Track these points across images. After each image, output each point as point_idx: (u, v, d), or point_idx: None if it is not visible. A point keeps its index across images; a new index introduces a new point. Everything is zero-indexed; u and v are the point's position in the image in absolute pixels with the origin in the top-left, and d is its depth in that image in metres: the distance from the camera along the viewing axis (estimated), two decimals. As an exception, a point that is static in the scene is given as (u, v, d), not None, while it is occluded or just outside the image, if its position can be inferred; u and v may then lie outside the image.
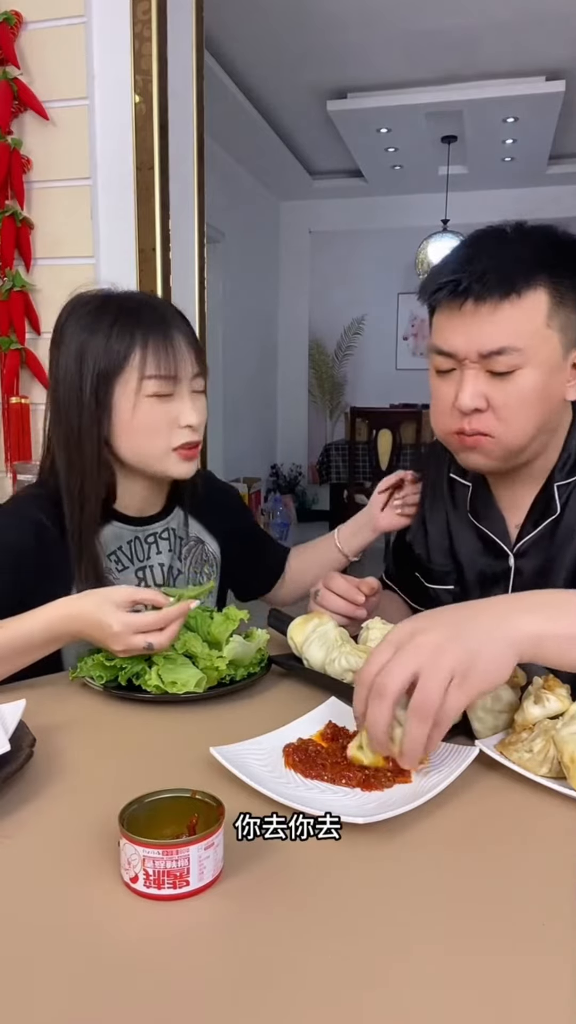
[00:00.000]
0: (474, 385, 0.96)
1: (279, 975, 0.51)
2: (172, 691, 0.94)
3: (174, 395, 1.09)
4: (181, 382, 1.09)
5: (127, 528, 1.17)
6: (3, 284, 1.86)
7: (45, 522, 1.09)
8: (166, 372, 1.07)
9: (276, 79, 4.58)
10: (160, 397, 1.08)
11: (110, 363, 1.06)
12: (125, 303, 1.10)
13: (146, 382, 1.06)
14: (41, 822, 0.69)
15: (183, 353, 1.09)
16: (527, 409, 0.96)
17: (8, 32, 1.77)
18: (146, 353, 1.06)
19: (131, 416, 1.08)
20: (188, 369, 1.10)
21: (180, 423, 1.09)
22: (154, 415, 1.08)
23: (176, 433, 1.10)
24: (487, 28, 3.93)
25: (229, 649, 0.98)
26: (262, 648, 1.04)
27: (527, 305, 0.93)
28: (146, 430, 1.09)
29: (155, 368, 1.06)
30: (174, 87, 1.82)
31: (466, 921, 0.56)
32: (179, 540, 1.24)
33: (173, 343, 1.07)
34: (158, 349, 1.06)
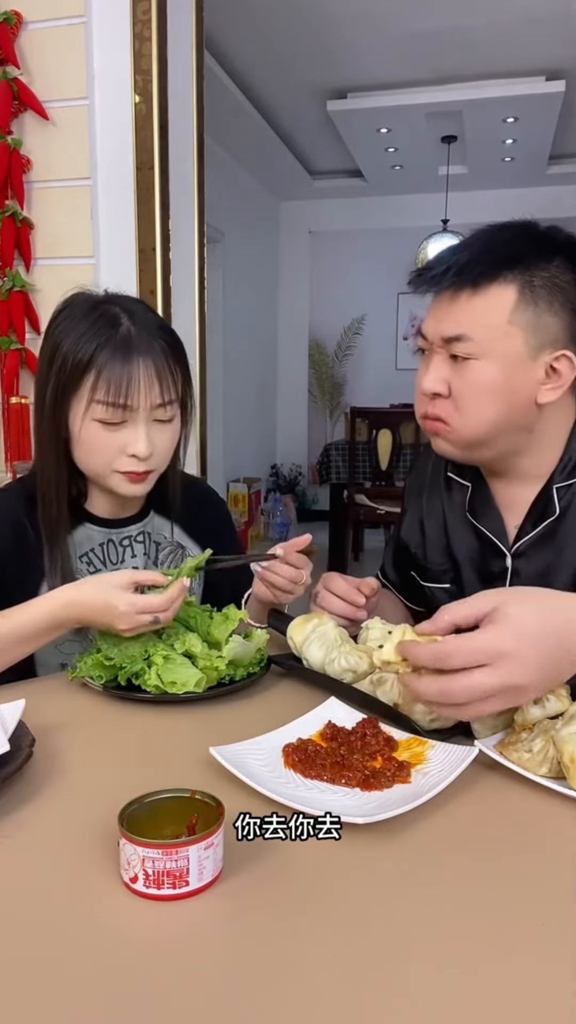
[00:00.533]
0: (437, 370, 1.00)
1: (279, 975, 0.51)
2: (172, 691, 0.94)
3: (126, 422, 1.05)
4: (135, 411, 1.04)
5: (99, 530, 1.17)
6: (3, 284, 1.86)
7: (22, 519, 1.10)
8: (114, 400, 1.02)
9: (276, 79, 4.58)
10: (106, 424, 1.04)
11: (67, 376, 1.03)
12: (104, 315, 1.05)
13: (94, 406, 1.03)
14: (41, 822, 0.69)
15: (144, 382, 1.03)
16: (481, 400, 0.98)
17: (8, 32, 1.77)
18: (99, 377, 1.02)
19: (79, 432, 1.06)
20: (147, 399, 1.04)
21: (127, 452, 1.06)
22: (98, 439, 1.05)
23: (121, 459, 1.06)
24: (487, 28, 3.93)
25: (229, 649, 0.98)
26: (262, 648, 1.04)
27: (490, 298, 0.95)
28: (90, 450, 1.06)
29: (104, 394, 1.02)
30: (174, 87, 1.82)
31: (466, 921, 0.56)
32: (155, 545, 1.22)
33: (131, 371, 1.02)
34: (112, 375, 1.02)
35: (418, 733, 0.83)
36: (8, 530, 1.10)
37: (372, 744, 0.80)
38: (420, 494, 1.25)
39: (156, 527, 1.23)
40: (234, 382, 5.83)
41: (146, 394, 1.04)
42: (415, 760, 0.78)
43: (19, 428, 1.91)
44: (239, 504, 5.86)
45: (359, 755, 0.78)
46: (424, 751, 0.79)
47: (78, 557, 1.14)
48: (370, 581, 1.13)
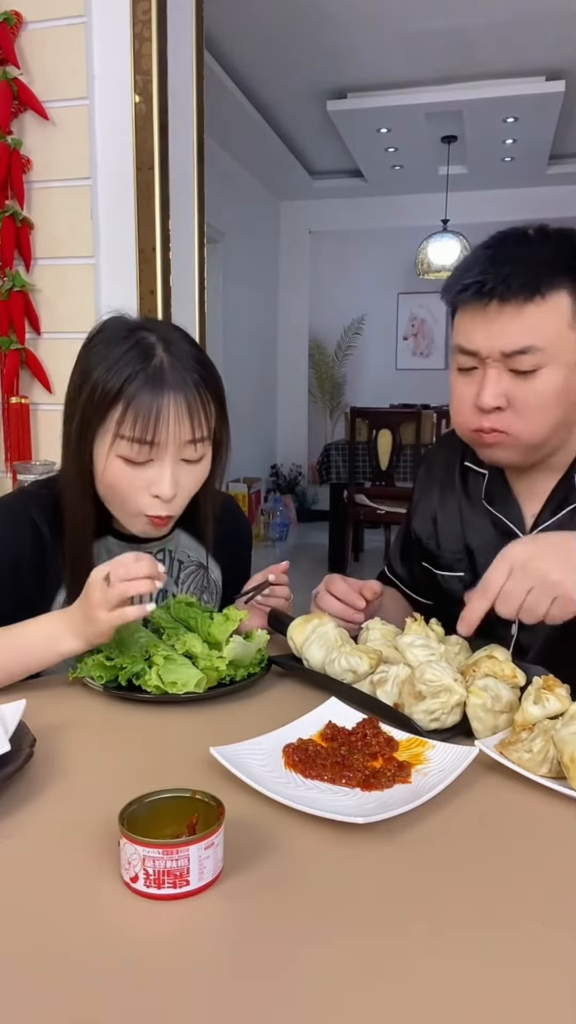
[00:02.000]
0: (496, 384, 0.98)
1: (279, 975, 0.51)
2: (172, 691, 0.94)
3: (153, 460, 1.00)
4: (163, 449, 0.99)
5: (122, 545, 1.13)
6: (3, 284, 1.86)
7: (40, 527, 1.08)
8: (140, 436, 0.97)
9: (276, 79, 4.58)
10: (130, 462, 1.00)
11: (95, 408, 0.99)
12: (139, 344, 1.00)
13: (119, 441, 0.99)
14: (41, 822, 0.69)
15: (172, 418, 0.98)
16: (547, 408, 0.99)
17: (8, 32, 1.77)
18: (127, 411, 0.97)
19: (102, 468, 1.02)
20: (175, 436, 0.99)
21: (151, 491, 1.01)
22: (121, 477, 1.01)
23: (145, 500, 1.02)
24: (487, 28, 3.93)
25: (229, 649, 0.98)
26: (262, 648, 1.04)
27: (550, 306, 0.95)
28: (114, 489, 1.02)
29: (130, 429, 0.97)
30: (174, 87, 1.82)
31: (466, 921, 0.56)
32: (178, 563, 1.20)
33: (160, 406, 0.97)
34: (140, 410, 0.97)
35: (418, 733, 0.83)
36: (28, 537, 1.08)
37: (372, 744, 0.80)
38: (432, 488, 1.25)
39: (181, 545, 1.20)
40: (234, 382, 5.81)
41: (175, 431, 0.99)
42: (415, 760, 0.78)
43: (19, 428, 1.90)
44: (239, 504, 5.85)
45: (359, 755, 0.78)
46: (424, 751, 0.79)
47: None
48: (372, 584, 1.13)
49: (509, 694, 0.87)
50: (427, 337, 7.10)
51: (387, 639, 1.04)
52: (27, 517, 1.09)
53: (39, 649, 0.98)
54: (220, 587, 1.26)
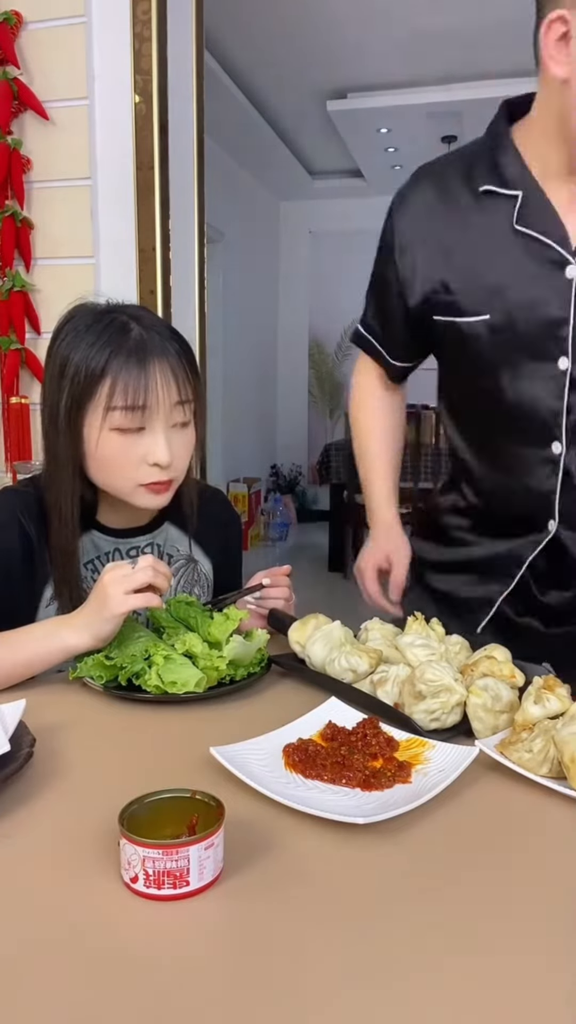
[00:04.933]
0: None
1: (279, 975, 0.51)
2: (172, 691, 0.94)
3: (145, 429, 1.02)
4: (153, 415, 1.02)
5: (107, 539, 1.14)
6: (3, 284, 1.86)
7: (26, 525, 1.08)
8: (132, 403, 0.99)
9: (276, 79, 4.58)
10: (124, 432, 1.01)
11: (82, 387, 1.00)
12: (113, 323, 1.02)
13: (111, 414, 1.00)
14: (41, 822, 0.69)
15: (160, 382, 1.01)
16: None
17: (8, 32, 1.77)
18: (116, 381, 0.99)
19: (95, 447, 1.02)
20: (164, 400, 1.01)
21: (148, 460, 1.02)
22: (117, 450, 1.02)
23: (143, 470, 1.03)
24: (487, 28, 3.93)
25: (229, 649, 0.98)
26: (262, 648, 1.04)
27: None
28: (110, 464, 1.03)
29: (122, 399, 0.99)
30: (174, 87, 1.82)
31: (466, 920, 0.56)
32: (167, 557, 1.20)
33: (147, 373, 1.00)
34: (129, 378, 0.99)
35: (418, 733, 0.83)
36: (14, 535, 1.08)
37: (372, 744, 0.80)
38: (428, 224, 1.13)
39: (170, 539, 1.20)
40: (234, 382, 5.83)
41: (164, 395, 1.01)
42: (415, 760, 0.78)
43: (19, 428, 1.90)
44: (239, 504, 5.85)
45: (360, 755, 0.78)
46: (424, 751, 0.79)
47: (83, 564, 1.12)
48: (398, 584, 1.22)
49: (509, 694, 0.87)
50: (427, 337, 7.09)
51: (387, 639, 1.04)
52: (13, 515, 1.09)
53: (41, 643, 0.98)
54: (211, 580, 1.26)
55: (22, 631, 1.00)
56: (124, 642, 1.00)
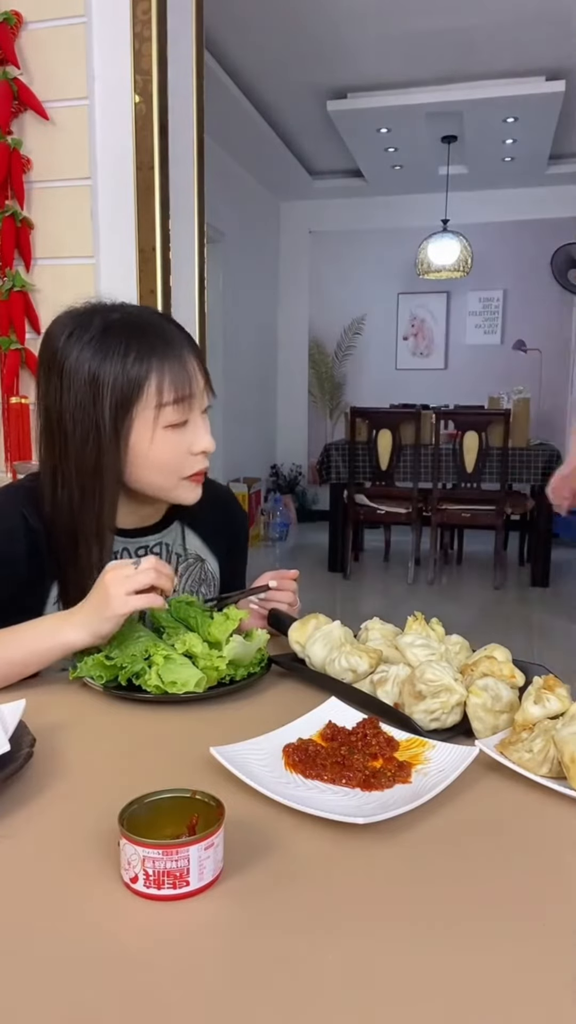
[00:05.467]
0: None
1: (279, 975, 0.51)
2: (172, 691, 0.94)
3: (188, 421, 1.04)
4: (194, 402, 1.04)
5: (117, 539, 1.13)
6: (3, 284, 1.86)
7: (32, 524, 1.07)
8: (181, 395, 1.01)
9: (276, 79, 4.58)
10: (175, 428, 1.03)
11: (128, 391, 0.99)
12: (131, 323, 1.02)
13: (164, 410, 1.01)
14: (41, 822, 0.69)
15: (194, 371, 1.04)
16: None
17: (8, 32, 1.77)
18: (163, 378, 1.00)
19: (148, 448, 1.02)
20: (199, 387, 1.05)
21: (194, 450, 1.05)
22: (170, 446, 1.03)
23: (189, 462, 1.06)
24: (487, 28, 3.93)
25: (229, 649, 0.98)
26: (262, 648, 1.04)
27: None
28: (162, 463, 1.04)
29: (172, 394, 1.00)
30: (174, 87, 1.82)
31: (466, 921, 0.56)
32: (176, 557, 1.20)
33: (186, 363, 1.02)
34: (174, 373, 1.00)
35: (418, 733, 0.83)
36: (21, 539, 1.07)
37: (372, 744, 0.80)
38: None
39: (178, 537, 1.20)
40: (234, 382, 5.83)
41: (196, 381, 1.04)
42: (415, 760, 0.78)
43: (19, 428, 1.90)
44: (239, 504, 5.85)
45: (360, 755, 0.78)
46: (424, 751, 0.79)
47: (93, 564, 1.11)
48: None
49: (509, 694, 0.87)
50: (427, 337, 7.09)
51: (387, 639, 1.04)
52: (17, 512, 1.07)
53: (40, 640, 0.98)
54: (218, 579, 1.26)
55: (22, 627, 0.99)
56: (124, 642, 1.00)
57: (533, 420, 5.44)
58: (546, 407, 6.63)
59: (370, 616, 1.12)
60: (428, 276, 5.81)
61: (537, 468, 4.80)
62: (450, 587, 5.10)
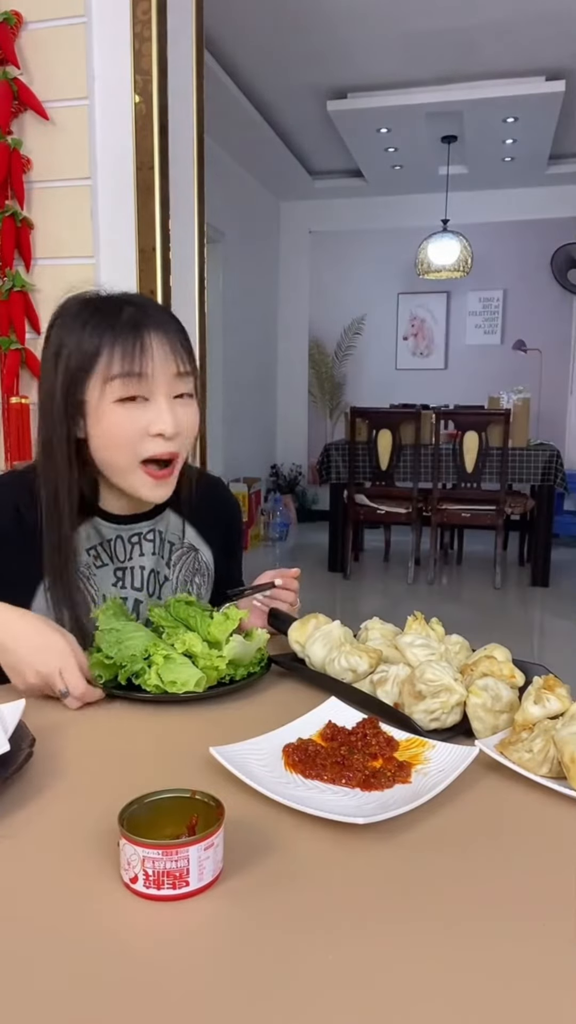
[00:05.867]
0: None
1: (279, 975, 0.51)
2: (172, 691, 0.94)
3: (149, 400, 1.01)
4: (154, 384, 1.01)
5: (109, 526, 1.14)
6: (3, 284, 1.86)
7: (22, 509, 1.08)
8: (130, 369, 0.99)
9: (276, 79, 4.58)
10: (126, 401, 1.00)
11: (80, 363, 1.01)
12: (105, 303, 1.04)
13: (111, 384, 1.00)
14: (41, 822, 0.69)
15: (157, 352, 1.01)
16: None
17: (8, 32, 1.77)
18: (113, 352, 0.99)
19: (100, 423, 1.02)
20: (165, 370, 1.01)
21: (151, 430, 1.01)
22: (121, 422, 1.01)
23: (145, 442, 1.02)
24: (487, 28, 3.93)
25: (229, 648, 0.98)
26: (262, 648, 1.04)
27: None
28: (114, 439, 1.02)
29: (120, 367, 0.99)
30: (174, 87, 1.82)
31: (466, 921, 0.56)
32: (168, 545, 1.19)
33: (143, 341, 1.00)
34: (126, 347, 0.99)
35: (418, 733, 0.83)
36: (10, 520, 1.08)
37: (372, 744, 0.80)
38: None
39: (170, 525, 1.21)
40: (234, 382, 5.83)
41: (162, 365, 1.01)
42: (415, 760, 0.78)
43: (19, 428, 1.90)
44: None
45: (359, 755, 0.78)
46: (424, 751, 0.79)
47: (86, 551, 1.12)
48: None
49: (509, 694, 0.87)
50: (427, 337, 7.09)
51: (387, 639, 1.04)
52: (10, 499, 1.09)
53: None
54: (212, 569, 1.25)
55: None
56: (123, 641, 1.00)
57: (533, 420, 5.45)
58: (546, 407, 6.63)
59: (370, 616, 1.12)
60: (428, 276, 5.81)
61: (537, 468, 4.80)
62: (450, 587, 5.10)
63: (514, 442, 4.82)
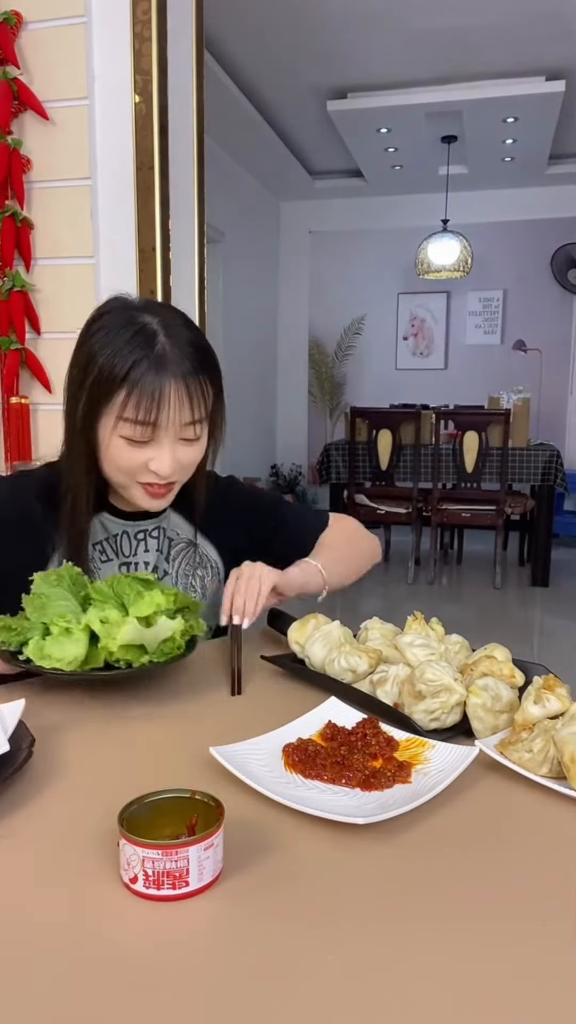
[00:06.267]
0: None
1: (279, 975, 0.51)
2: (46, 666, 0.93)
3: (152, 441, 1.05)
4: (162, 431, 1.04)
5: (117, 521, 1.18)
6: (3, 284, 1.86)
7: (32, 502, 1.14)
8: (144, 419, 1.02)
9: (276, 79, 4.58)
10: (131, 442, 1.04)
11: (103, 390, 1.03)
12: (143, 330, 1.03)
13: (121, 423, 1.03)
14: (41, 822, 0.69)
15: (174, 402, 1.03)
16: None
17: (8, 32, 1.77)
18: (131, 395, 1.01)
19: (106, 447, 1.06)
20: (175, 419, 1.04)
21: (149, 467, 1.06)
22: (122, 455, 1.05)
23: (144, 474, 1.07)
24: (487, 28, 3.93)
25: (123, 633, 0.94)
26: (176, 638, 0.98)
27: None
28: (113, 463, 1.07)
29: (133, 413, 1.02)
30: (174, 87, 1.82)
31: (466, 921, 0.56)
32: (169, 540, 1.22)
33: (162, 391, 1.02)
34: (143, 394, 1.01)
35: (418, 733, 0.83)
36: (28, 501, 1.14)
37: (372, 744, 0.80)
38: None
39: (172, 523, 1.23)
40: (234, 382, 5.80)
41: (175, 415, 1.03)
42: (415, 760, 0.78)
43: (19, 428, 1.90)
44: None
45: (359, 755, 0.78)
46: (424, 751, 0.79)
47: (92, 544, 1.16)
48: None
49: (509, 694, 0.87)
50: (427, 337, 7.10)
51: (387, 639, 1.04)
52: (29, 487, 1.16)
53: None
54: (219, 564, 1.25)
55: None
56: (44, 608, 0.97)
57: (533, 420, 5.45)
58: (546, 407, 6.63)
59: (370, 616, 1.12)
60: (428, 276, 5.81)
61: (537, 468, 4.80)
62: (450, 587, 5.10)
63: (514, 442, 4.82)
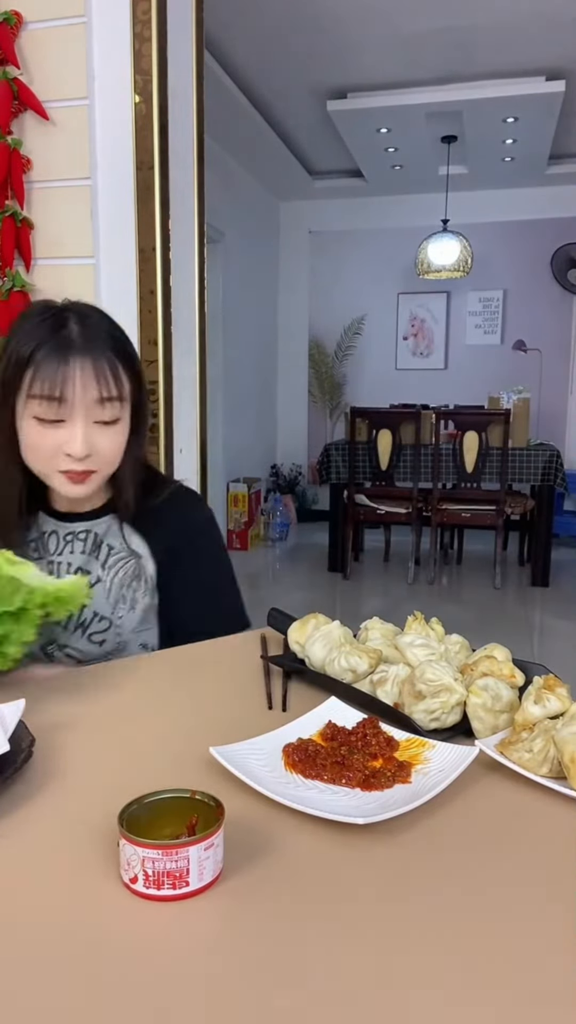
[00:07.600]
0: None
1: (279, 975, 0.51)
2: None
3: (64, 422, 1.05)
4: (73, 409, 1.04)
5: (49, 520, 1.20)
6: (3, 284, 1.86)
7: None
8: (48, 393, 1.03)
9: (276, 79, 4.58)
10: (43, 421, 1.05)
11: (14, 373, 1.05)
12: (54, 317, 1.06)
13: (31, 402, 1.04)
14: (41, 822, 0.69)
15: (79, 379, 1.03)
16: None
17: (8, 32, 1.77)
18: (37, 371, 1.03)
19: (21, 430, 1.07)
20: (82, 396, 1.04)
21: (64, 451, 1.06)
22: (35, 439, 1.06)
23: (59, 459, 1.07)
24: (487, 28, 3.93)
25: None
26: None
27: None
28: (29, 449, 1.08)
29: (39, 388, 1.03)
30: (174, 87, 1.82)
31: (466, 921, 0.56)
32: (107, 548, 1.18)
33: (66, 368, 1.03)
34: (48, 370, 1.03)
35: (418, 733, 0.83)
36: None
37: (372, 744, 0.80)
38: None
39: (111, 530, 1.20)
40: (234, 382, 5.83)
41: (81, 391, 1.04)
42: (415, 760, 0.78)
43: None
44: (239, 504, 5.86)
45: (359, 755, 0.78)
46: (424, 751, 0.79)
47: (28, 542, 1.18)
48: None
49: (509, 694, 0.87)
50: (427, 337, 7.09)
51: (387, 639, 1.04)
52: None
53: None
54: (154, 580, 1.20)
55: None
56: None
57: (533, 420, 5.45)
58: (546, 407, 6.63)
59: (370, 616, 1.12)
60: (428, 276, 5.81)
61: (537, 468, 4.80)
62: (450, 587, 5.10)
63: (514, 442, 4.82)
